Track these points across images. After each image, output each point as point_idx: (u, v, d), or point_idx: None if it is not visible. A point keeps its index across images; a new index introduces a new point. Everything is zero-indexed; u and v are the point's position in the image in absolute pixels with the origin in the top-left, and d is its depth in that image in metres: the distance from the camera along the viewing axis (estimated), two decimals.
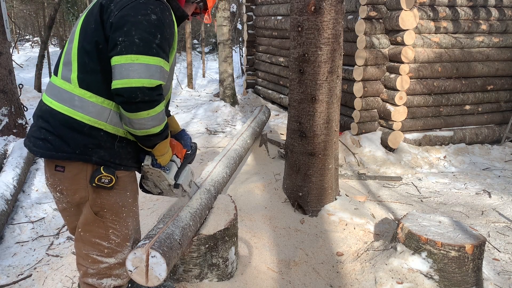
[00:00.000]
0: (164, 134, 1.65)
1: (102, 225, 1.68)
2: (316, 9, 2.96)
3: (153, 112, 1.50)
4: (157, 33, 1.47)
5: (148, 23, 1.46)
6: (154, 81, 1.46)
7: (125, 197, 1.71)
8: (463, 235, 2.42)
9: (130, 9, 1.48)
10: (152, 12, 1.48)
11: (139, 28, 1.45)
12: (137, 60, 1.43)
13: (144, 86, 1.43)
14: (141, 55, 1.43)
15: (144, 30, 1.45)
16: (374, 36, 5.13)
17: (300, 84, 3.17)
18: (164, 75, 1.51)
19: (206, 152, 5.16)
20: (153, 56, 1.45)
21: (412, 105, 5.25)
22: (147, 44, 1.45)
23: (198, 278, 2.30)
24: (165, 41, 1.52)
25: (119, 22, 1.47)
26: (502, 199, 3.95)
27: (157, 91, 1.49)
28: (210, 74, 13.01)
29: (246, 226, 3.06)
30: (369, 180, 4.41)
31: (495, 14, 5.41)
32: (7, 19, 4.94)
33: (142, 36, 1.44)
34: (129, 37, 1.43)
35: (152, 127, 1.55)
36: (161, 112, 1.55)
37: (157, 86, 1.47)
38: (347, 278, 2.58)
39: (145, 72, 1.43)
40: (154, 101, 1.48)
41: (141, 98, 1.44)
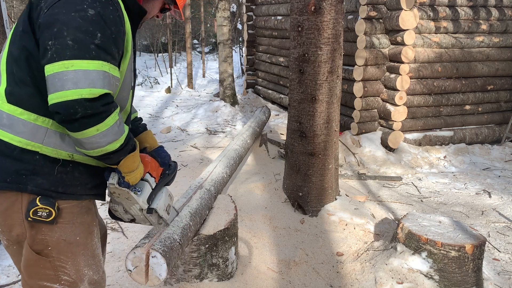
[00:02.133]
0: (126, 148, 1.34)
1: (49, 265, 1.38)
2: (316, 9, 2.96)
3: (103, 126, 1.21)
4: (96, 31, 1.18)
5: (83, 20, 1.17)
6: (96, 90, 1.17)
7: (72, 232, 1.39)
8: (463, 235, 2.42)
9: (61, 5, 1.19)
10: (89, 7, 1.19)
11: (71, 27, 1.16)
12: (71, 67, 1.15)
13: (83, 97, 1.15)
14: (76, 60, 1.15)
15: (78, 29, 1.16)
16: (374, 36, 5.13)
17: (300, 84, 3.17)
18: (111, 81, 1.23)
19: (206, 152, 5.17)
20: (92, 60, 1.17)
21: (412, 105, 5.24)
22: (83, 46, 1.16)
23: (198, 278, 2.30)
24: (109, 41, 1.22)
25: (48, 22, 1.19)
26: (502, 199, 3.95)
27: (101, 101, 1.19)
28: (210, 74, 13.02)
29: (246, 226, 3.06)
30: (369, 180, 4.41)
31: (495, 14, 5.41)
32: (7, 19, 4.94)
33: (76, 36, 1.16)
34: (60, 39, 1.16)
35: (107, 144, 1.25)
36: (115, 124, 1.24)
37: (101, 95, 1.18)
38: (347, 278, 2.57)
39: (82, 80, 1.15)
40: (100, 113, 1.19)
41: (82, 113, 1.16)
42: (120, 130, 1.28)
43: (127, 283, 2.48)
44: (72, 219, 1.39)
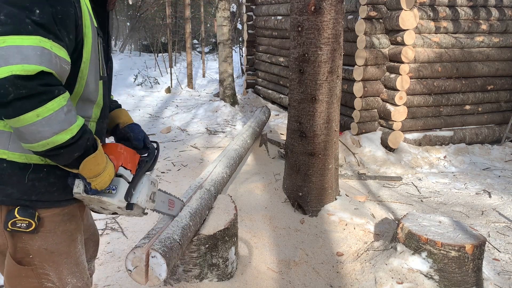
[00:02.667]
0: (81, 143, 1.14)
1: (32, 274, 1.31)
2: (316, 9, 2.96)
3: (44, 111, 1.04)
4: (33, 7, 1.05)
5: None
6: (30, 66, 1.00)
7: (53, 241, 1.31)
8: (463, 235, 2.42)
9: None
10: None
11: (6, 1, 1.04)
12: (3, 43, 1.00)
13: (13, 74, 0.98)
14: (8, 36, 1.00)
15: (13, 4, 1.03)
16: (374, 36, 5.13)
17: (300, 84, 3.17)
18: (52, 60, 1.06)
19: (206, 152, 5.17)
20: (28, 36, 1.02)
21: (412, 105, 5.24)
22: (17, 21, 1.02)
23: (198, 278, 2.30)
24: (51, 19, 1.08)
25: None
26: (502, 199, 3.95)
27: (39, 80, 1.02)
28: (210, 74, 13.01)
29: (246, 226, 3.06)
30: (369, 180, 4.41)
31: (495, 14, 5.41)
32: None
33: (10, 11, 1.02)
34: None
35: (53, 135, 1.06)
36: (61, 110, 1.07)
37: (37, 73, 1.02)
38: (347, 278, 2.57)
39: (14, 56, 0.99)
40: (38, 94, 1.02)
41: (15, 94, 0.99)
42: (69, 119, 1.09)
43: (127, 283, 2.48)
44: (54, 228, 1.31)
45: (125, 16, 19.00)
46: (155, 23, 18.00)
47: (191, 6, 13.12)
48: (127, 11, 18.46)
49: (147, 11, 16.58)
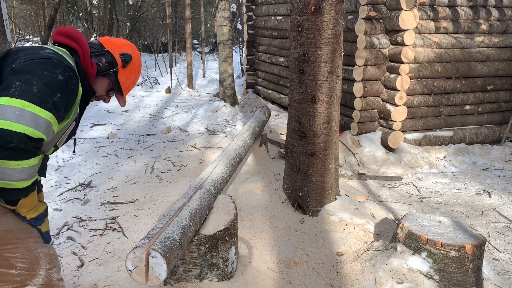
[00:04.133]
0: (29, 190, 1.45)
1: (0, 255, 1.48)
2: (316, 9, 2.96)
3: (24, 164, 1.33)
4: (57, 91, 1.39)
5: (52, 80, 1.38)
6: (38, 132, 1.32)
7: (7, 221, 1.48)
8: (463, 235, 2.42)
9: (39, 62, 1.40)
10: (60, 73, 1.41)
11: (41, 80, 1.35)
12: (27, 107, 1.30)
13: (24, 133, 1.28)
14: (33, 104, 1.31)
15: (46, 84, 1.36)
16: (374, 36, 5.13)
17: (300, 84, 3.17)
18: (50, 132, 1.39)
19: (206, 152, 5.17)
20: (45, 110, 1.34)
21: (412, 105, 5.25)
22: (44, 97, 1.34)
23: (198, 278, 2.30)
24: (63, 103, 1.43)
25: (22, 69, 1.36)
26: (502, 199, 3.95)
27: (36, 143, 1.34)
28: (210, 74, 13.02)
29: (246, 226, 3.06)
30: (369, 180, 4.41)
31: (495, 14, 5.41)
32: (7, 19, 4.93)
33: (42, 88, 1.34)
34: (28, 85, 1.32)
35: (18, 180, 1.35)
36: (33, 166, 1.37)
37: (38, 138, 1.34)
38: (347, 278, 2.58)
39: (31, 121, 1.30)
40: (29, 151, 1.32)
41: (16, 145, 1.27)
42: (34, 174, 1.40)
43: (127, 283, 2.48)
44: (4, 212, 1.47)
45: (125, 16, 19.00)
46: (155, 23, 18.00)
47: (191, 6, 13.12)
48: (127, 11, 18.46)
49: (147, 11, 16.58)
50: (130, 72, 1.82)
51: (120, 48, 1.79)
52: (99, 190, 3.89)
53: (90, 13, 16.58)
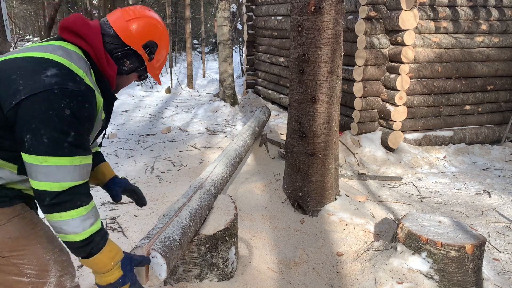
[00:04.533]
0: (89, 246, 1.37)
1: (8, 262, 1.42)
2: (316, 9, 2.96)
3: (66, 216, 1.31)
4: (70, 130, 1.28)
5: (59, 119, 1.26)
6: (65, 183, 1.29)
7: (14, 228, 1.41)
8: (463, 235, 2.42)
9: (41, 101, 1.25)
10: (66, 107, 1.27)
11: (48, 126, 1.25)
12: (45, 162, 1.26)
13: (52, 190, 1.28)
14: (50, 157, 1.26)
15: (54, 129, 1.26)
16: (374, 36, 5.13)
17: (300, 84, 3.17)
18: (82, 172, 1.34)
19: (206, 152, 5.17)
20: (65, 156, 1.28)
21: (412, 105, 5.25)
22: (57, 144, 1.27)
23: (198, 278, 2.30)
24: (83, 135, 1.34)
25: (26, 116, 1.25)
26: (502, 199, 3.95)
27: (68, 191, 1.31)
28: (210, 74, 13.02)
29: (246, 226, 3.06)
30: (369, 180, 4.41)
31: (495, 14, 5.41)
32: (7, 19, 4.93)
33: (52, 135, 1.26)
34: (37, 136, 1.25)
35: (68, 233, 1.33)
36: (79, 218, 1.33)
37: (69, 188, 1.30)
38: (347, 278, 2.58)
39: (53, 174, 1.27)
40: (64, 202, 1.30)
41: (49, 202, 1.29)
42: (84, 225, 1.34)
43: None
44: (7, 220, 1.40)
45: None
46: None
47: (191, 6, 13.11)
48: None
49: None
50: (158, 56, 1.63)
51: (142, 37, 1.53)
52: (99, 190, 3.89)
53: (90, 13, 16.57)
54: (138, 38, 1.52)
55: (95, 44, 1.45)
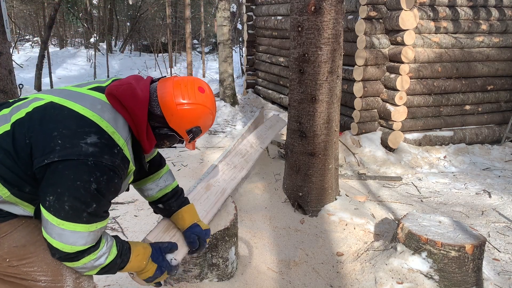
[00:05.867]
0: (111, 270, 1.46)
1: (19, 271, 1.42)
2: (316, 9, 2.96)
3: (77, 264, 1.37)
4: (93, 203, 1.30)
5: (85, 191, 1.27)
6: (76, 247, 1.32)
7: (19, 236, 1.40)
8: (463, 235, 2.42)
9: (72, 169, 1.26)
10: (95, 181, 1.28)
11: (72, 195, 1.26)
12: (62, 225, 1.28)
13: (63, 250, 1.31)
14: (67, 222, 1.28)
15: (78, 199, 1.27)
16: (374, 36, 5.13)
17: (300, 84, 3.17)
18: (96, 235, 1.36)
19: (206, 152, 5.17)
20: (82, 224, 1.30)
21: (412, 105, 5.24)
22: (77, 213, 1.29)
23: (198, 278, 2.30)
24: (103, 207, 1.36)
25: (54, 178, 1.26)
26: (502, 199, 3.95)
27: (76, 254, 1.35)
28: (210, 74, 13.01)
29: (246, 226, 3.06)
30: (369, 180, 4.41)
31: (495, 14, 5.41)
32: (7, 19, 4.93)
33: (74, 204, 1.27)
34: (60, 201, 1.26)
35: (87, 272, 1.43)
36: (90, 262, 1.38)
37: (80, 250, 1.34)
38: (347, 278, 2.57)
39: (68, 238, 1.30)
40: (73, 257, 1.35)
41: (58, 257, 1.35)
42: (97, 264, 1.41)
43: (127, 283, 2.48)
44: (13, 228, 1.39)
45: (125, 16, 19.00)
46: (155, 23, 18.00)
47: (191, 6, 13.12)
48: (127, 11, 18.46)
49: (147, 11, 16.58)
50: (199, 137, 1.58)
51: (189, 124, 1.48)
52: None
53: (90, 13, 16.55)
54: (185, 125, 1.48)
55: (139, 121, 1.42)
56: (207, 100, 1.50)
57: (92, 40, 15.36)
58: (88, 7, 16.63)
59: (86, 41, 17.50)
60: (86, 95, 1.41)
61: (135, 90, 1.42)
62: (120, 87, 1.42)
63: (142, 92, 1.43)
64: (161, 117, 1.46)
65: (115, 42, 18.80)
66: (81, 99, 1.38)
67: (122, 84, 1.44)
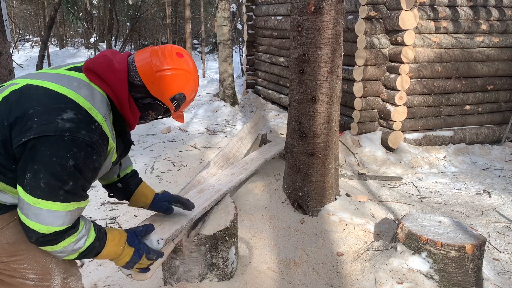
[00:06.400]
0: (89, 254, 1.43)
1: (9, 267, 1.41)
2: (316, 9, 2.96)
3: (57, 247, 1.34)
4: (69, 180, 1.27)
5: (61, 168, 1.25)
6: (53, 227, 1.28)
7: (10, 233, 1.39)
8: (463, 235, 2.42)
9: (48, 145, 1.24)
10: (71, 157, 1.25)
11: (48, 171, 1.24)
12: (38, 204, 1.25)
13: (39, 231, 1.28)
14: (43, 200, 1.25)
15: (53, 175, 1.24)
16: (374, 36, 5.13)
17: (300, 84, 3.17)
18: (73, 216, 1.33)
19: (206, 152, 5.17)
20: (58, 202, 1.27)
21: (412, 105, 5.24)
22: (53, 191, 1.25)
23: (198, 278, 2.30)
24: (83, 185, 1.33)
25: (30, 155, 1.24)
26: (502, 199, 3.95)
27: (55, 234, 1.31)
28: (210, 74, 13.01)
29: (246, 226, 3.06)
30: (369, 180, 4.41)
31: (495, 14, 5.41)
32: (7, 19, 4.93)
33: (49, 181, 1.24)
34: (36, 179, 1.24)
35: (67, 255, 1.39)
36: (70, 245, 1.35)
37: (56, 231, 1.30)
38: (347, 278, 2.57)
39: (44, 218, 1.26)
40: (51, 240, 1.32)
41: (35, 240, 1.30)
42: (77, 247, 1.38)
43: (127, 283, 2.48)
44: (5, 223, 1.38)
45: (125, 16, 19.00)
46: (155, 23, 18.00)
47: (191, 6, 13.12)
48: (127, 11, 18.45)
49: (147, 11, 16.58)
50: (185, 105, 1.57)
51: (171, 91, 1.46)
52: (99, 190, 3.89)
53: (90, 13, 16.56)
54: (167, 92, 1.46)
55: (120, 93, 1.41)
56: (186, 65, 1.49)
57: (92, 40, 15.36)
58: (88, 7, 16.64)
59: (86, 41, 17.51)
60: (62, 75, 1.40)
61: (111, 62, 1.41)
62: (96, 60, 1.42)
63: (119, 64, 1.43)
64: (142, 87, 1.45)
65: (115, 42, 18.80)
66: (57, 78, 1.37)
67: (98, 57, 1.44)
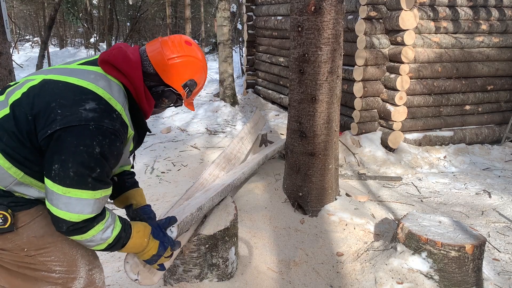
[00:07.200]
0: (117, 245, 1.47)
1: (36, 261, 1.44)
2: (316, 9, 2.96)
3: (86, 236, 1.38)
4: (96, 167, 1.32)
5: (88, 156, 1.30)
6: (83, 215, 1.33)
7: (38, 226, 1.43)
8: (463, 235, 2.42)
9: (74, 135, 1.28)
10: (97, 145, 1.30)
11: (76, 160, 1.28)
12: (68, 193, 1.30)
13: (71, 220, 1.32)
14: (73, 189, 1.30)
15: (82, 164, 1.29)
16: (374, 36, 5.13)
17: (300, 84, 3.17)
18: (101, 204, 1.38)
19: (206, 152, 5.17)
20: (87, 190, 1.32)
21: (412, 105, 5.24)
22: (82, 179, 1.30)
23: (198, 278, 2.30)
24: (106, 173, 1.38)
25: (57, 147, 1.29)
26: (502, 199, 3.95)
27: (85, 222, 1.36)
28: (210, 74, 13.01)
29: (246, 226, 3.06)
30: (369, 180, 4.41)
31: (495, 14, 5.41)
32: (7, 19, 4.93)
33: (78, 170, 1.29)
34: (64, 168, 1.28)
35: (95, 246, 1.43)
36: (98, 234, 1.40)
37: (86, 219, 1.35)
38: (347, 278, 2.57)
39: (74, 205, 1.31)
40: (81, 228, 1.36)
41: (65, 229, 1.34)
42: (105, 237, 1.42)
43: (127, 283, 2.48)
44: (32, 219, 1.42)
45: (125, 16, 19.00)
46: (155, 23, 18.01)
47: (191, 6, 13.12)
48: (127, 11, 18.45)
49: (147, 11, 16.59)
50: (196, 91, 1.66)
51: (183, 78, 1.55)
52: None
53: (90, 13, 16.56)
54: (178, 79, 1.55)
55: (136, 82, 1.47)
56: (195, 52, 1.58)
57: (92, 40, 15.36)
58: (88, 7, 16.64)
59: (86, 41, 17.50)
60: (77, 69, 1.45)
61: (126, 53, 1.47)
62: (112, 52, 1.47)
63: (133, 55, 1.49)
64: (155, 75, 1.53)
65: (115, 42, 18.81)
66: (73, 73, 1.42)
67: (113, 49, 1.50)
